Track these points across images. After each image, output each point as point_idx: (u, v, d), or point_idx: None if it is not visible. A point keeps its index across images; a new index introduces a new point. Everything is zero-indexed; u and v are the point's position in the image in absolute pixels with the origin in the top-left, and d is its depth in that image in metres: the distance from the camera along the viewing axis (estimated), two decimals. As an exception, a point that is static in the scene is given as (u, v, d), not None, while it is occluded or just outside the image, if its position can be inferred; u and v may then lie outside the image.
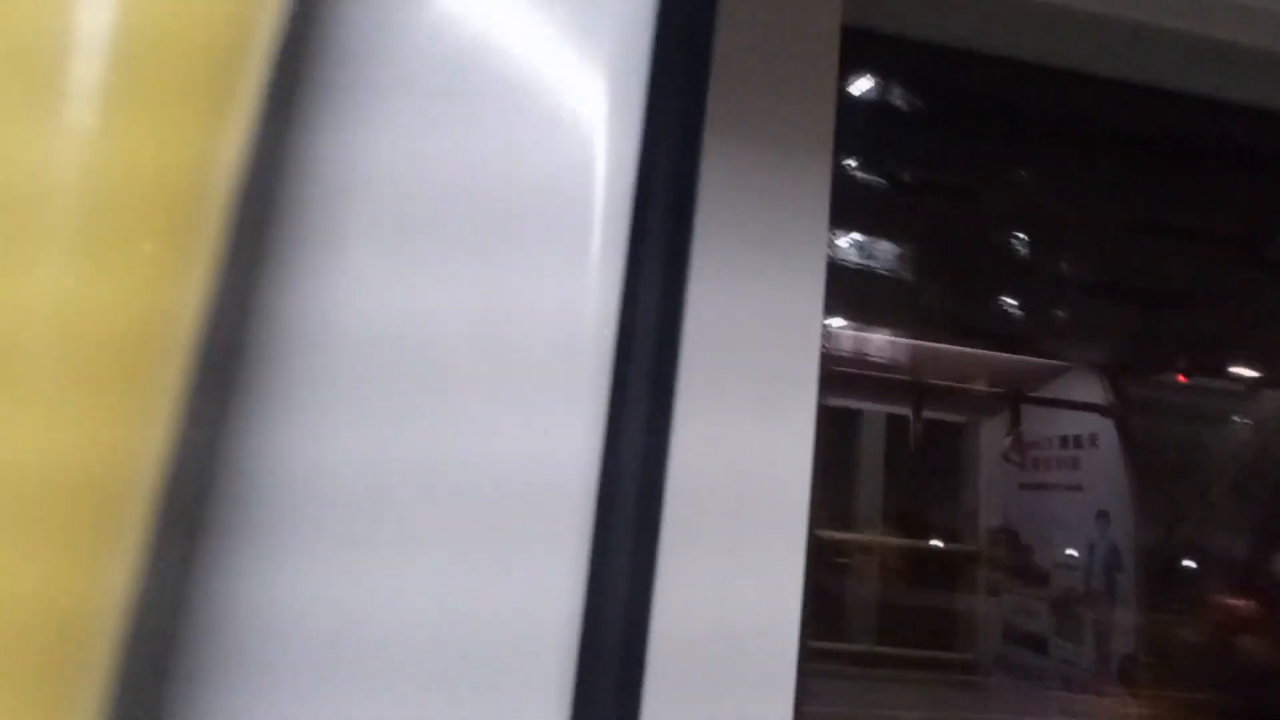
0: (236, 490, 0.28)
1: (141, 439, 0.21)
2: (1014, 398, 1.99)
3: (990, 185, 1.03)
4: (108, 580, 0.20)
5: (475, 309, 0.30)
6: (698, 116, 0.46)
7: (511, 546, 0.30)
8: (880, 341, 1.75)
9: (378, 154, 0.31)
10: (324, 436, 0.28)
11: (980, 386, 1.99)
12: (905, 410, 2.02)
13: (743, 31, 0.49)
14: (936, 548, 2.04)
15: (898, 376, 1.88)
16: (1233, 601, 1.50)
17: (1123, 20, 0.56)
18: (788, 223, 0.47)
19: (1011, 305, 1.51)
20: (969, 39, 0.56)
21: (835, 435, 1.96)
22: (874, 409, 2.10)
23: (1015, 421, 2.02)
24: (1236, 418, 1.67)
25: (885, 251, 1.23)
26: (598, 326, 0.32)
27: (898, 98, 0.64)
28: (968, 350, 1.84)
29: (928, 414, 2.02)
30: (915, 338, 1.77)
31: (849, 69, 0.51)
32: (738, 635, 0.40)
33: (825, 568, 1.84)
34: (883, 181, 0.86)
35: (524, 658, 0.30)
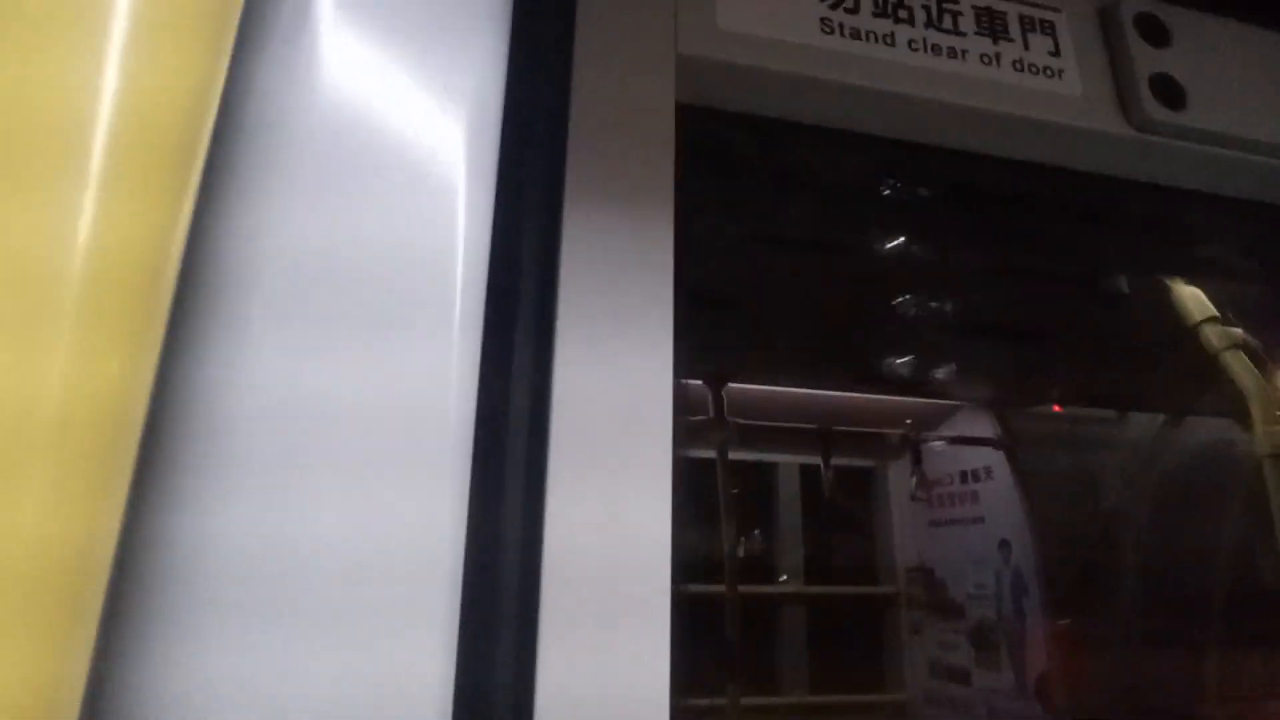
0: (131, 573, 0.28)
1: (96, 520, 0.21)
2: (914, 439, 2.09)
3: (855, 243, 1.14)
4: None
5: (345, 388, 0.32)
6: (557, 193, 0.52)
7: (381, 623, 0.30)
8: (782, 395, 1.83)
9: (265, 228, 0.32)
10: (200, 515, 0.29)
11: (882, 430, 2.09)
12: (815, 459, 2.09)
13: (591, 112, 0.55)
14: (858, 592, 2.09)
15: (804, 426, 1.96)
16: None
17: (922, 99, 0.66)
18: (639, 280, 0.52)
19: (893, 352, 1.62)
20: (785, 113, 0.65)
21: (749, 490, 2.01)
22: (787, 460, 2.17)
23: (917, 461, 2.12)
24: (1109, 441, 1.81)
25: (773, 310, 1.32)
26: (461, 397, 0.34)
27: (734, 164, 0.72)
28: (867, 397, 1.94)
29: (837, 461, 2.10)
30: (815, 389, 1.86)
31: (685, 139, 0.58)
32: (616, 694, 0.42)
33: (751, 624, 1.85)
34: (753, 242, 0.94)
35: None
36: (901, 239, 0.97)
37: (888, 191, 0.82)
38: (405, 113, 0.38)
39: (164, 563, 0.28)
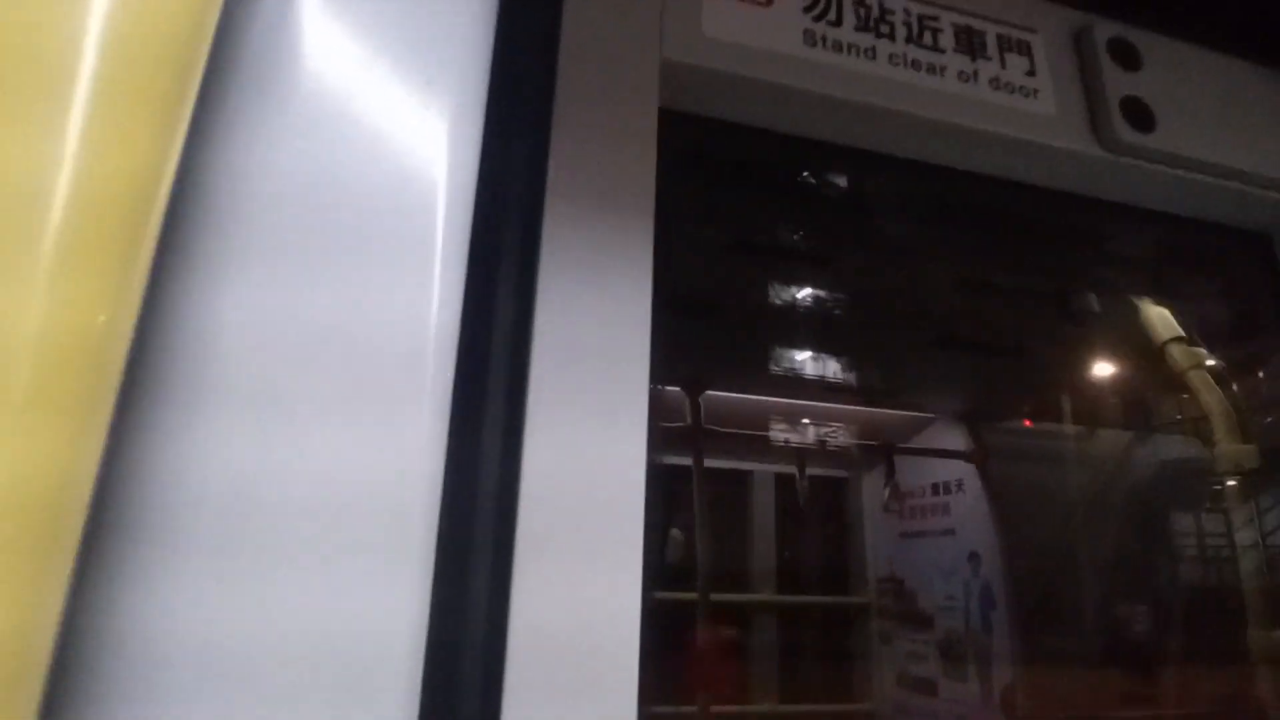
0: (110, 506, 0.28)
1: (75, 461, 0.20)
2: (888, 449, 2.12)
3: (832, 252, 1.15)
4: (43, 602, 0.20)
5: (326, 323, 0.32)
6: (540, 181, 0.52)
7: (361, 555, 0.30)
8: (760, 404, 1.84)
9: (249, 176, 0.32)
10: (186, 451, 0.29)
11: (857, 440, 2.11)
12: (791, 469, 2.11)
13: (575, 111, 0.56)
14: (830, 601, 2.10)
15: (781, 434, 1.97)
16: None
17: (900, 112, 0.67)
18: (619, 261, 0.53)
19: (870, 362, 1.64)
20: (767, 121, 0.66)
21: (726, 497, 2.01)
22: (762, 469, 2.18)
23: (890, 472, 2.14)
24: (1077, 456, 1.84)
25: (750, 314, 1.33)
26: (442, 335, 0.34)
27: (713, 170, 0.73)
28: (843, 407, 1.96)
29: (812, 471, 2.11)
30: (792, 398, 1.87)
31: (666, 143, 0.58)
32: (588, 632, 0.42)
33: (724, 631, 1.86)
34: (730, 248, 0.95)
35: (376, 661, 0.30)
36: (872, 249, 0.99)
37: (860, 201, 0.83)
38: (387, 107, 0.38)
39: (140, 497, 0.28)
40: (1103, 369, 1.49)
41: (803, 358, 1.65)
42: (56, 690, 0.25)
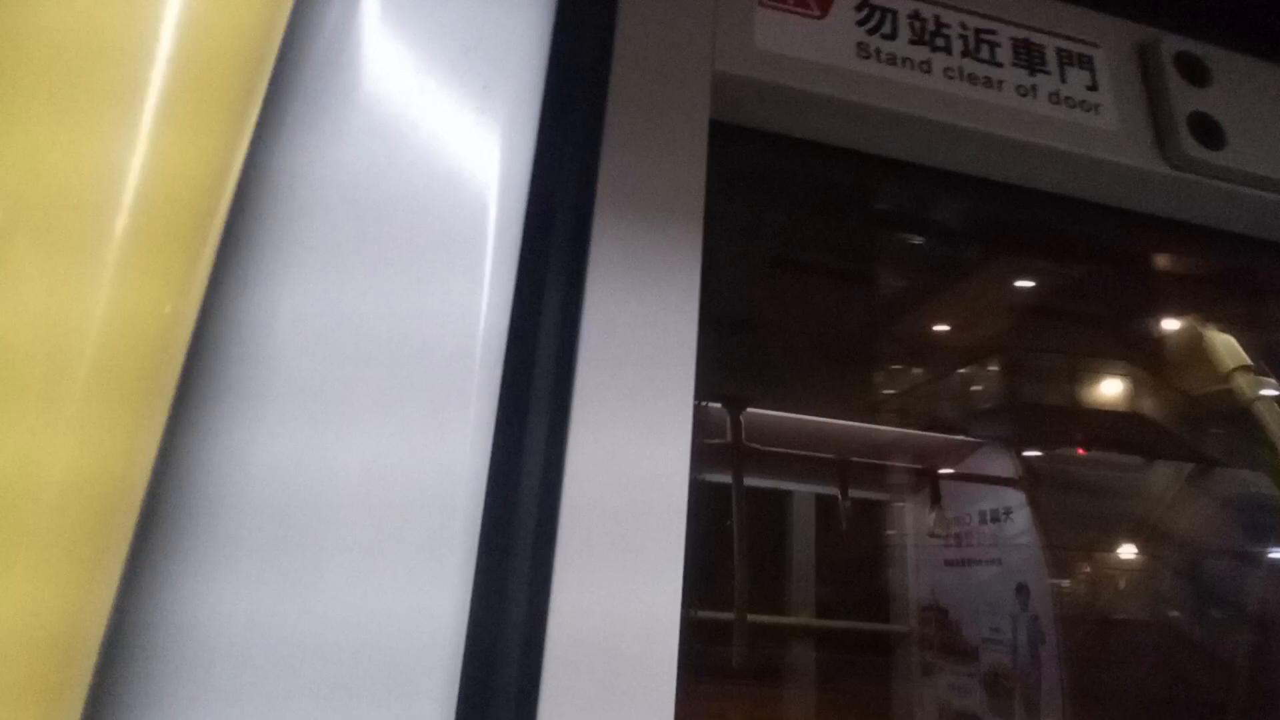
0: (162, 501, 0.28)
1: (134, 450, 0.21)
2: (933, 474, 2.06)
3: (881, 270, 1.13)
4: (95, 592, 0.21)
5: (378, 326, 0.32)
6: (589, 192, 0.52)
7: (404, 555, 0.31)
8: (801, 423, 1.82)
9: (309, 179, 0.33)
10: (238, 448, 0.30)
11: (902, 464, 2.07)
12: (832, 490, 2.07)
13: (627, 122, 0.56)
14: (869, 628, 2.05)
15: (823, 456, 1.94)
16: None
17: (942, 123, 0.66)
18: (667, 281, 0.53)
19: (916, 384, 1.60)
20: (818, 135, 0.65)
21: (765, 517, 1.99)
22: (803, 490, 2.15)
23: (936, 498, 2.09)
24: (1133, 488, 1.77)
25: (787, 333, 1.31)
26: (491, 339, 0.34)
27: (764, 184, 0.73)
28: (887, 429, 1.92)
29: (854, 493, 2.07)
30: (835, 418, 1.84)
31: (716, 156, 0.58)
32: (627, 637, 0.42)
33: (759, 652, 1.83)
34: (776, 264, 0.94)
35: (416, 660, 0.30)
36: (928, 269, 0.97)
37: (918, 219, 0.82)
38: (444, 113, 0.38)
39: (192, 492, 0.28)
40: (1162, 396, 1.43)
41: (848, 377, 1.63)
42: (105, 682, 0.26)
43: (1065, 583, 1.73)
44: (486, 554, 0.33)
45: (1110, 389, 1.53)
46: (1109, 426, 1.65)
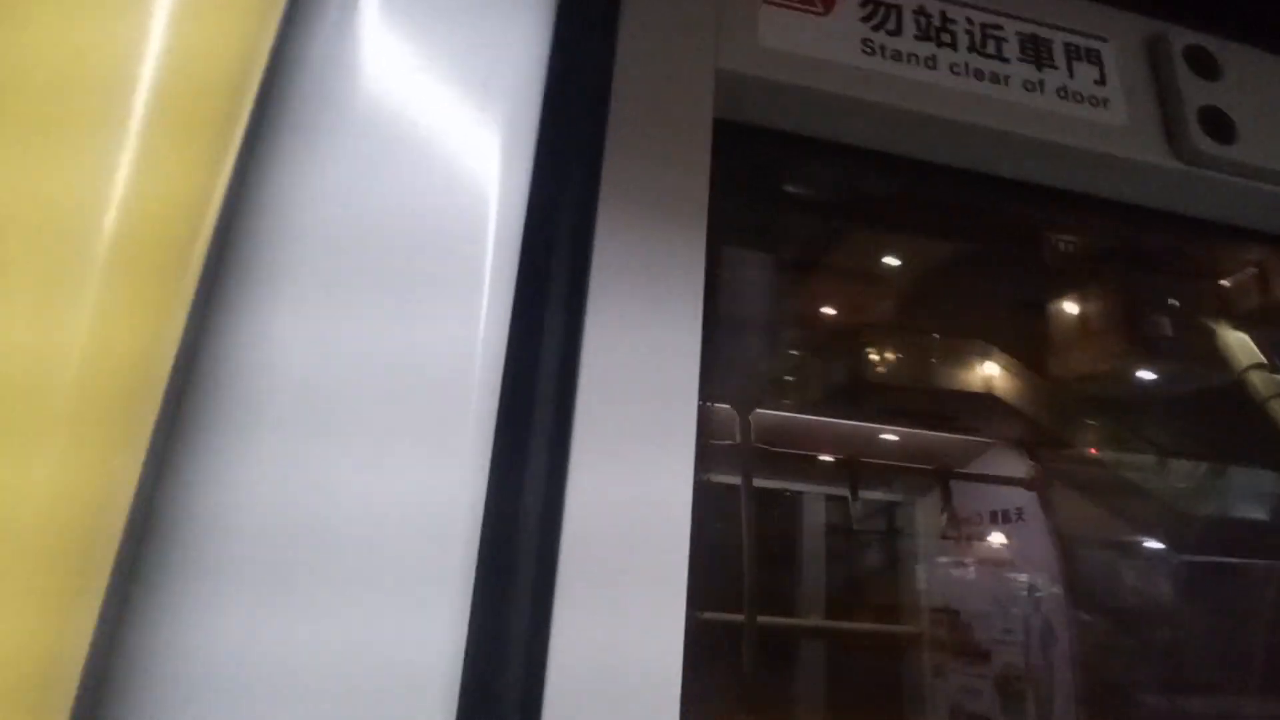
0: (154, 529, 0.28)
1: (113, 480, 0.21)
2: (944, 475, 2.05)
3: (887, 266, 1.13)
4: (75, 620, 0.21)
5: (372, 355, 0.32)
6: (592, 191, 0.52)
7: (402, 582, 0.30)
8: (810, 424, 1.81)
9: (301, 197, 0.33)
10: (230, 475, 0.29)
11: (912, 464, 2.05)
12: (842, 491, 2.06)
13: (629, 120, 0.56)
14: (880, 629, 2.04)
15: (833, 457, 1.93)
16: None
17: (958, 121, 0.65)
18: (670, 281, 0.53)
19: (929, 383, 1.59)
20: (823, 132, 0.65)
21: (774, 517, 1.98)
22: (813, 490, 2.14)
23: (947, 499, 2.07)
24: (1147, 488, 1.75)
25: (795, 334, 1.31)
26: (487, 367, 0.34)
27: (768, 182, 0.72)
28: (898, 429, 1.91)
29: (865, 494, 2.06)
30: (844, 419, 1.83)
31: (720, 154, 0.58)
32: (630, 662, 0.42)
33: (770, 654, 1.82)
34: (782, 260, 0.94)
35: (414, 689, 0.30)
36: (936, 264, 0.96)
37: (917, 213, 0.81)
38: (444, 110, 0.38)
39: (184, 520, 0.28)
40: (1173, 394, 1.41)
41: (856, 376, 1.62)
42: (99, 708, 0.26)
43: (1079, 583, 1.71)
44: (485, 580, 0.33)
45: (1120, 387, 1.52)
46: (1120, 426, 1.63)
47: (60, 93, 0.20)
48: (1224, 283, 0.94)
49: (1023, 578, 1.88)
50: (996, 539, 1.98)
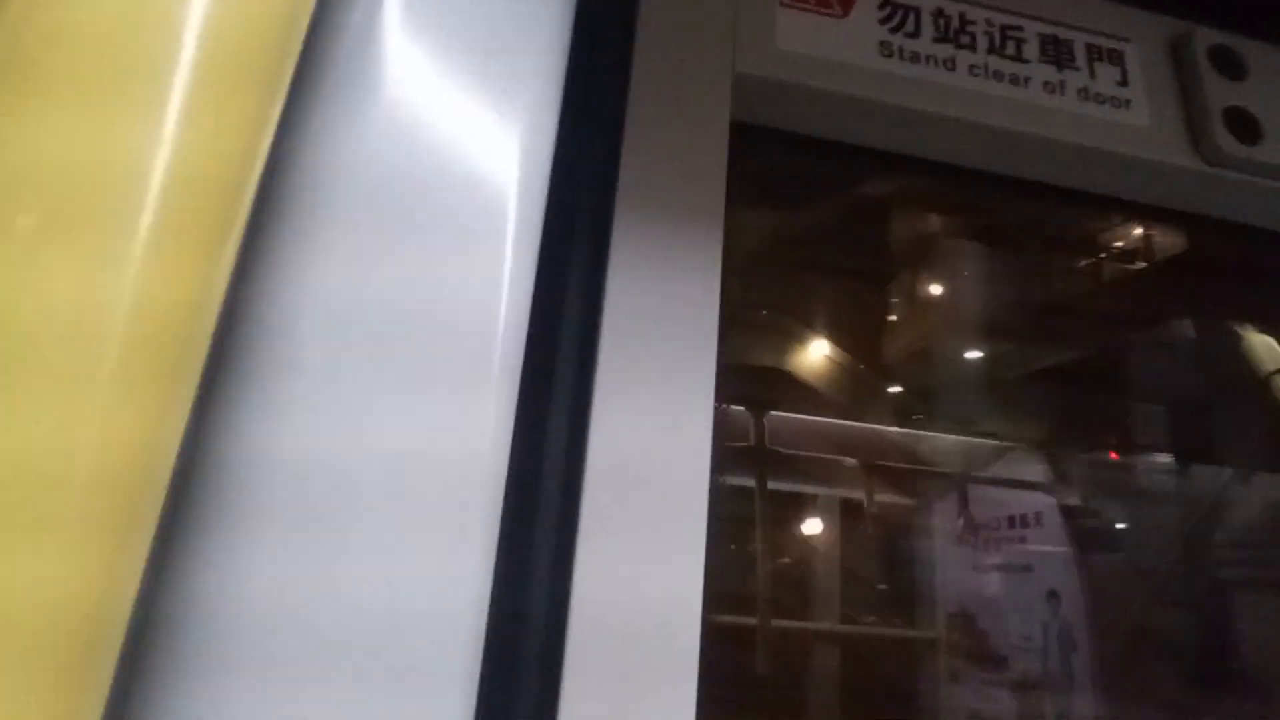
0: (188, 480, 0.28)
1: (160, 434, 0.22)
2: (961, 478, 2.03)
3: (903, 268, 1.12)
4: (122, 575, 0.21)
5: (399, 310, 0.33)
6: (609, 195, 0.53)
7: (427, 532, 0.31)
8: (825, 426, 1.80)
9: (333, 161, 0.33)
10: (263, 427, 0.30)
11: (928, 467, 2.04)
12: (857, 494, 2.05)
13: (646, 123, 0.56)
14: (895, 634, 2.03)
15: (848, 459, 1.93)
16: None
17: (975, 123, 0.65)
18: (686, 284, 0.53)
19: (945, 385, 1.58)
20: (841, 134, 0.65)
21: (789, 520, 1.97)
22: (828, 493, 2.13)
23: (964, 503, 2.06)
24: (1169, 493, 1.73)
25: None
26: (513, 321, 0.35)
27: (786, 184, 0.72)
28: (913, 432, 1.90)
29: (880, 498, 2.05)
30: (859, 421, 1.82)
31: (737, 157, 0.58)
32: (649, 612, 0.42)
33: (783, 660, 1.81)
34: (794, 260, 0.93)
35: (439, 635, 0.30)
36: (955, 268, 0.96)
37: (936, 216, 0.81)
38: (464, 112, 0.39)
39: (217, 471, 0.29)
40: (1198, 399, 1.40)
41: (873, 378, 1.61)
42: (129, 660, 0.26)
43: (1098, 590, 1.69)
44: (508, 535, 0.33)
45: (1144, 392, 1.50)
46: (1143, 430, 1.61)
47: (108, 57, 0.21)
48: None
49: (1041, 583, 1.86)
50: (1014, 544, 1.96)
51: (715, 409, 0.49)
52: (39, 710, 0.19)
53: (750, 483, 1.80)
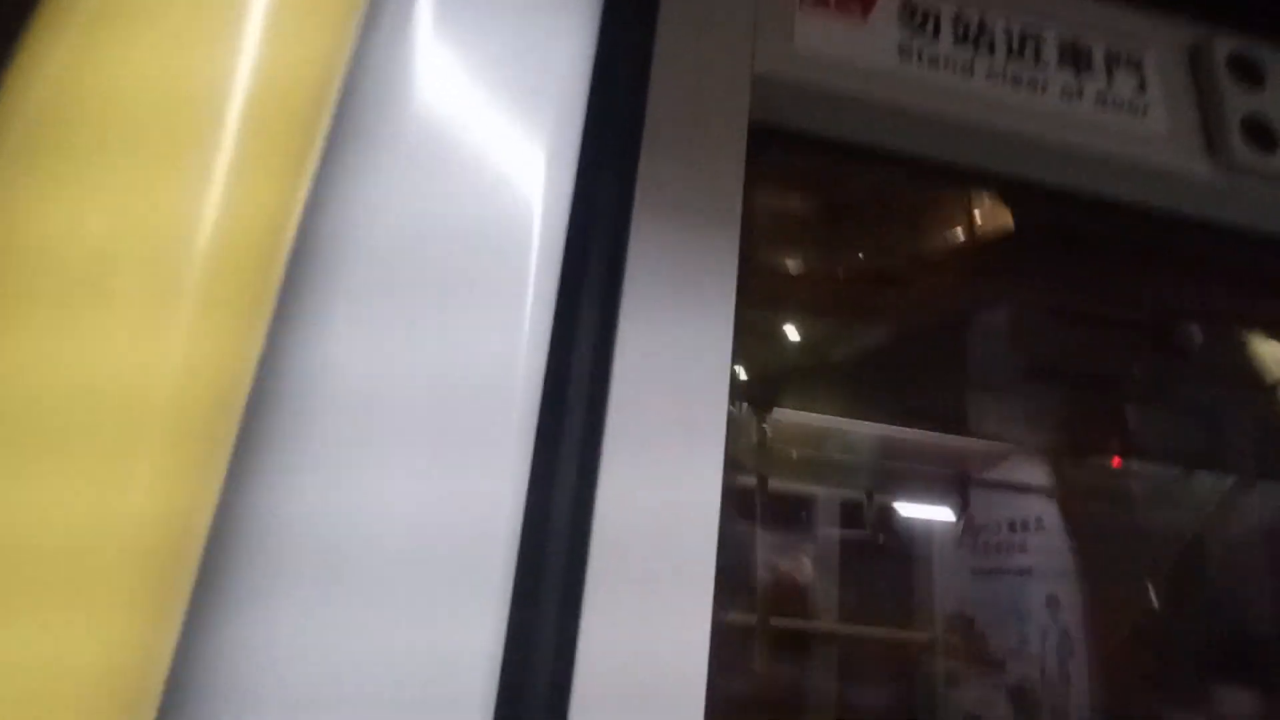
0: (215, 540, 0.28)
1: (200, 497, 0.21)
2: (962, 480, 2.03)
3: (909, 272, 1.12)
4: (163, 636, 0.21)
5: (417, 366, 0.32)
6: (628, 196, 0.52)
7: (441, 588, 0.31)
8: (828, 425, 1.80)
9: (338, 207, 0.33)
10: (286, 485, 0.30)
11: (929, 469, 2.04)
12: (858, 495, 2.05)
13: (666, 124, 0.56)
14: (893, 635, 2.03)
15: (849, 459, 1.93)
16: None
17: (996, 129, 0.65)
18: (702, 286, 0.53)
19: (949, 389, 1.58)
20: (859, 136, 0.64)
21: (788, 520, 1.97)
22: (828, 493, 2.13)
23: (965, 505, 2.06)
24: (1170, 501, 1.73)
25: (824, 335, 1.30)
26: (527, 381, 0.34)
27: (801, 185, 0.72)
28: (916, 433, 1.90)
29: (880, 498, 2.05)
30: (862, 421, 1.82)
31: (755, 159, 0.58)
32: (655, 666, 0.42)
33: (781, 658, 1.81)
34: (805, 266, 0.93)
35: (451, 691, 0.30)
36: (965, 271, 0.95)
37: (950, 220, 0.80)
38: (493, 119, 0.39)
39: (243, 531, 0.29)
40: (1206, 407, 1.40)
41: (876, 379, 1.61)
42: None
43: (1099, 595, 1.69)
44: (521, 587, 0.33)
45: (1151, 399, 1.50)
46: (1148, 436, 1.61)
47: (153, 117, 0.21)
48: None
49: (1041, 587, 1.86)
50: (1015, 547, 1.96)
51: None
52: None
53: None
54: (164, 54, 0.21)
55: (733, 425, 0.51)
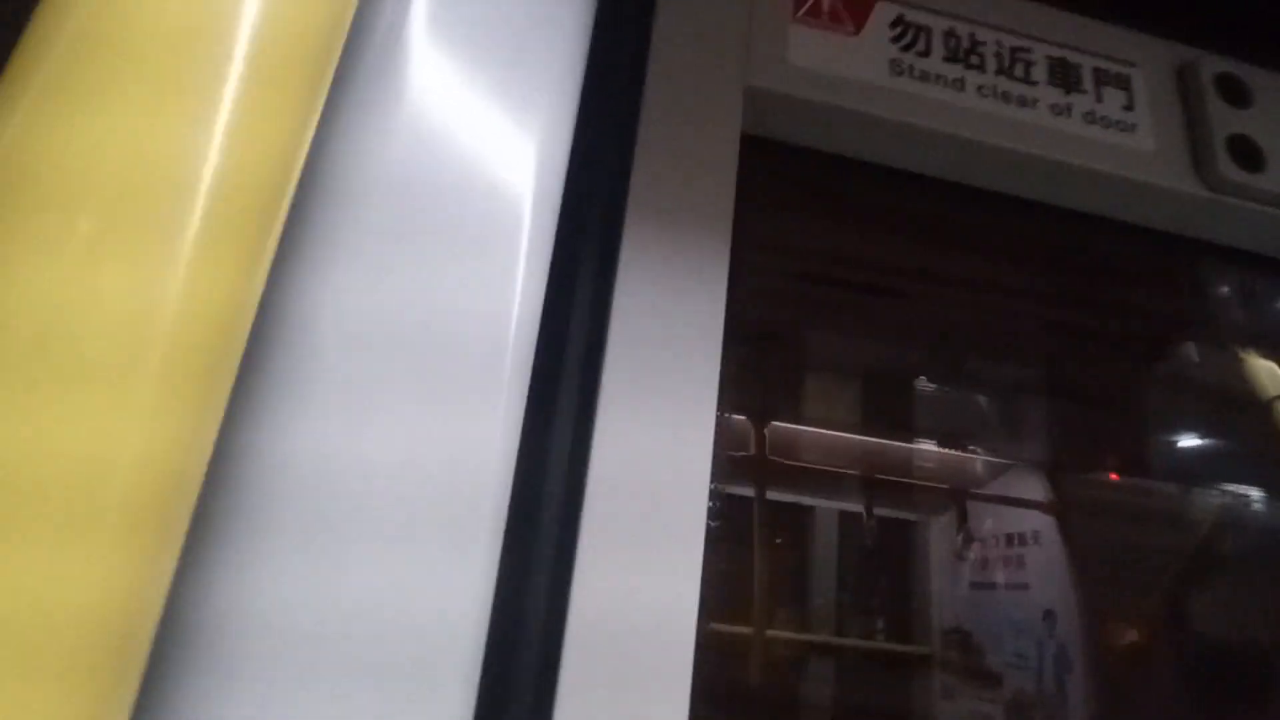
0: (209, 486, 0.29)
1: (198, 437, 0.22)
2: (961, 495, 2.03)
3: (909, 286, 1.13)
4: (157, 575, 0.21)
5: (412, 326, 0.33)
6: (620, 205, 0.54)
7: (432, 540, 0.32)
8: (827, 438, 1.80)
9: (355, 168, 0.34)
10: (279, 434, 0.31)
11: (928, 483, 2.04)
12: (857, 507, 2.05)
13: (659, 134, 0.57)
14: (890, 649, 2.02)
15: (847, 471, 1.93)
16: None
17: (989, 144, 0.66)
18: (693, 289, 0.54)
19: (947, 401, 1.59)
20: (850, 150, 0.66)
21: (787, 532, 1.98)
22: (827, 505, 2.13)
23: (963, 519, 2.06)
24: (1167, 515, 1.73)
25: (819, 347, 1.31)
26: (520, 336, 0.35)
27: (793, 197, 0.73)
28: (915, 447, 1.90)
29: (879, 511, 2.05)
30: (861, 434, 1.83)
31: (747, 169, 0.59)
32: (645, 622, 0.43)
33: (777, 671, 1.81)
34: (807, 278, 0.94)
35: (441, 642, 0.31)
36: (953, 285, 0.96)
37: (942, 234, 0.82)
38: (484, 123, 0.40)
39: (236, 476, 0.29)
40: (1198, 423, 1.40)
41: (875, 395, 1.61)
42: (156, 659, 0.27)
43: (1095, 610, 1.69)
44: (510, 543, 0.34)
45: (1144, 415, 1.50)
46: (1143, 452, 1.61)
47: (160, 57, 0.21)
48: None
49: (1039, 602, 1.86)
50: (1012, 562, 1.96)
51: (717, 418, 0.50)
52: (72, 707, 0.19)
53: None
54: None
55: (731, 435, 0.51)
